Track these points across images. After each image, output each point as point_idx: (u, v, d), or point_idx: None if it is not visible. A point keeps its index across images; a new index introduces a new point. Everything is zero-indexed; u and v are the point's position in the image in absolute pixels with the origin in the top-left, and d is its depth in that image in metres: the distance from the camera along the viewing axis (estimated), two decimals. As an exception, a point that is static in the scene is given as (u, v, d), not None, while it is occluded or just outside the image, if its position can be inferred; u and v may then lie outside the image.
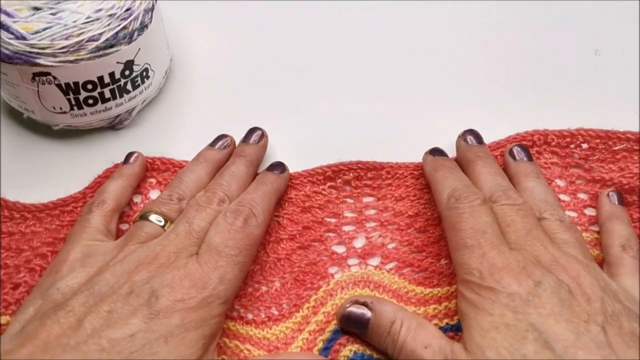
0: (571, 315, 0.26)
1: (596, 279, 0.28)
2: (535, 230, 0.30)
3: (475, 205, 0.31)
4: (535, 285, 0.27)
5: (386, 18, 0.47)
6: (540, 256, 0.29)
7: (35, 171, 0.38)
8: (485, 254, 0.28)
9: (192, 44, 0.45)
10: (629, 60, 0.44)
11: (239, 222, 0.31)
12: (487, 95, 0.42)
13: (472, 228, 0.30)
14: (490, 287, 0.27)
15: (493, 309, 0.27)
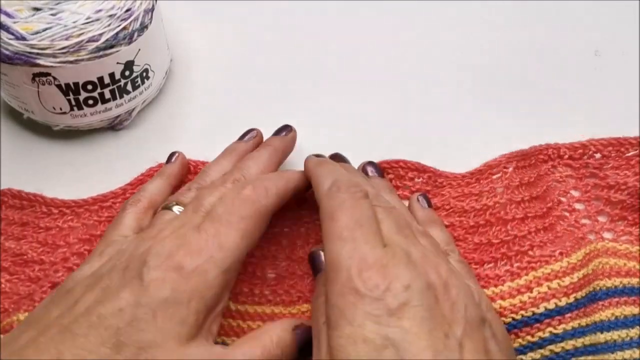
0: (433, 327, 0.25)
1: (461, 281, 0.28)
2: (407, 230, 0.29)
3: (357, 197, 0.29)
4: (404, 290, 0.25)
5: (387, 18, 0.47)
6: (411, 252, 0.27)
7: (35, 171, 0.38)
8: (357, 248, 0.27)
9: (192, 44, 0.45)
10: (629, 60, 0.44)
11: (246, 191, 0.30)
12: (487, 95, 0.42)
13: (349, 219, 0.28)
14: (356, 288, 0.25)
15: (354, 316, 0.25)
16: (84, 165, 0.38)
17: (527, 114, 0.41)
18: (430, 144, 0.39)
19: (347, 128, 0.40)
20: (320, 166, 0.33)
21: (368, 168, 0.36)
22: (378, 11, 0.47)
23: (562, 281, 0.32)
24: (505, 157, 0.37)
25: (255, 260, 0.34)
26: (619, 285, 0.33)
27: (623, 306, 0.33)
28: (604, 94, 0.42)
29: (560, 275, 0.32)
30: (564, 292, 0.32)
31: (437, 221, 0.34)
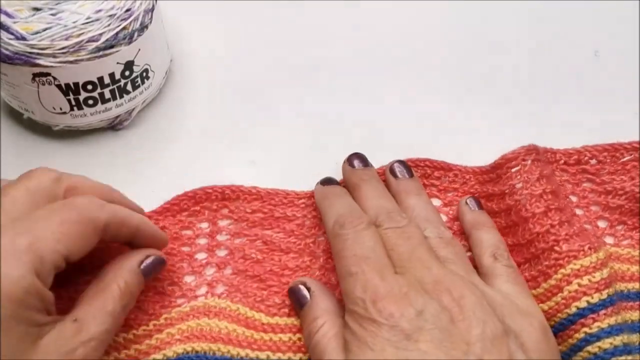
0: (451, 347, 0.26)
1: (480, 297, 0.28)
2: (419, 250, 0.30)
3: (359, 230, 0.30)
4: (417, 315, 0.26)
5: (387, 18, 0.47)
6: (424, 278, 0.28)
7: (36, 171, 0.38)
8: (368, 280, 0.28)
9: (192, 44, 0.45)
10: (629, 60, 0.44)
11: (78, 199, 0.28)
12: (486, 95, 0.42)
13: (355, 254, 0.29)
14: (373, 318, 0.27)
15: (375, 343, 0.26)
16: (84, 165, 0.38)
17: (527, 114, 0.41)
18: (431, 144, 0.39)
19: (348, 128, 0.40)
20: (324, 200, 0.34)
21: (396, 168, 0.36)
22: (379, 11, 0.47)
23: (592, 277, 0.31)
24: (524, 150, 0.36)
25: (290, 272, 0.34)
26: (624, 290, 0.33)
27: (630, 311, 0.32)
28: (604, 94, 0.42)
29: (591, 270, 0.31)
30: (595, 288, 0.31)
31: (486, 223, 0.34)
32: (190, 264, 0.34)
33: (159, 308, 0.32)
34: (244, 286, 0.33)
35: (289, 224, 0.35)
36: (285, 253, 0.35)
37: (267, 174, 0.37)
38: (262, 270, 0.34)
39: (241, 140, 0.40)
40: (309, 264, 0.34)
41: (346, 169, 0.36)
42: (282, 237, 0.35)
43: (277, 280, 0.34)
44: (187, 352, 0.30)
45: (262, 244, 0.35)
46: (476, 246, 0.33)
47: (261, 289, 0.33)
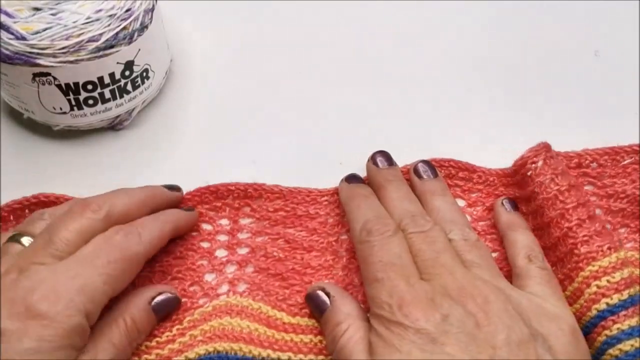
0: (476, 351, 0.26)
1: (505, 302, 0.28)
2: (443, 256, 0.30)
3: (385, 237, 0.31)
4: (443, 320, 0.27)
5: (389, 18, 0.47)
6: (448, 285, 0.28)
7: (35, 171, 0.38)
8: (394, 287, 0.28)
9: (192, 44, 0.45)
10: (629, 60, 0.44)
11: (118, 237, 0.29)
12: (486, 95, 0.42)
13: (381, 261, 0.30)
14: (399, 322, 0.27)
15: (401, 345, 0.27)
16: (84, 165, 0.38)
17: (527, 114, 0.41)
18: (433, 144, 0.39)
19: (349, 128, 0.40)
20: (351, 201, 0.34)
21: (420, 168, 0.36)
22: (381, 11, 0.47)
23: (612, 277, 0.30)
24: (533, 151, 0.35)
25: (312, 271, 0.34)
26: None
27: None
28: (604, 94, 0.42)
29: (610, 270, 0.31)
30: (614, 289, 0.30)
31: (521, 225, 0.34)
32: (211, 261, 0.34)
33: (182, 312, 0.32)
34: (266, 284, 0.33)
35: (312, 222, 0.35)
36: (308, 252, 0.34)
37: (267, 173, 0.37)
38: (284, 269, 0.34)
39: (241, 140, 0.40)
40: (331, 263, 0.34)
41: (371, 167, 0.36)
42: (304, 235, 0.35)
43: (299, 279, 0.34)
44: (209, 353, 0.30)
45: (284, 242, 0.35)
46: (510, 247, 0.33)
47: (283, 288, 0.33)
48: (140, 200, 0.32)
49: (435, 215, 0.33)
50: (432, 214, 0.33)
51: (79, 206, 0.29)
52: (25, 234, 0.29)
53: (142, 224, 0.30)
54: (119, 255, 0.28)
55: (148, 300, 0.30)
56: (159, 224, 0.31)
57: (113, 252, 0.28)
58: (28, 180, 0.37)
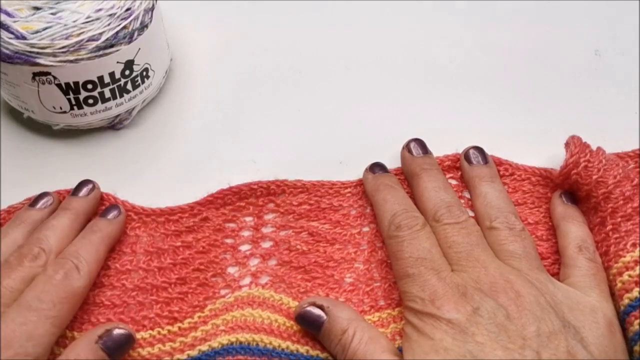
0: (507, 341, 0.26)
1: (537, 295, 0.28)
2: (477, 250, 0.30)
3: (414, 231, 0.31)
4: (473, 312, 0.27)
5: (389, 18, 0.47)
6: (481, 278, 0.29)
7: (35, 171, 0.38)
8: (426, 281, 0.29)
9: (192, 44, 0.45)
10: (629, 60, 0.44)
11: (58, 276, 0.29)
12: (486, 95, 0.42)
13: (412, 256, 0.30)
14: (432, 313, 0.28)
15: (434, 333, 0.27)
16: (84, 165, 0.38)
17: (527, 114, 0.41)
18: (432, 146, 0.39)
19: (349, 127, 0.40)
20: (377, 194, 0.34)
21: (471, 153, 0.36)
22: (381, 10, 0.47)
23: (633, 271, 0.30)
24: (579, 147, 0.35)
25: (335, 264, 0.34)
26: None
27: None
28: (604, 94, 0.42)
29: (632, 265, 0.31)
30: (635, 282, 0.30)
31: (577, 217, 0.34)
32: (234, 255, 0.34)
33: (203, 300, 0.33)
34: (288, 277, 0.34)
35: (335, 215, 0.35)
36: (331, 244, 0.35)
37: (267, 173, 0.37)
38: (307, 262, 0.34)
39: (241, 139, 0.40)
40: (353, 256, 0.34)
41: (405, 156, 0.36)
42: (327, 228, 0.35)
43: (321, 272, 0.34)
44: (231, 343, 0.30)
45: (307, 235, 0.35)
46: (562, 237, 0.33)
47: (305, 281, 0.33)
48: (67, 227, 0.32)
49: (482, 201, 0.33)
50: (478, 200, 0.34)
51: (15, 258, 0.30)
52: None
53: (77, 254, 0.30)
54: (63, 295, 0.29)
55: (94, 339, 0.29)
56: (93, 247, 0.31)
57: (57, 293, 0.28)
58: (28, 179, 0.37)
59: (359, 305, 0.33)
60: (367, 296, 0.33)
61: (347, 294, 0.33)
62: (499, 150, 0.38)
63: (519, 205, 0.35)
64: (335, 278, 0.33)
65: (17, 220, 0.33)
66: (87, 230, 0.32)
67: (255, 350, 0.30)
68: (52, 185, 0.36)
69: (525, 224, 0.34)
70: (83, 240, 0.31)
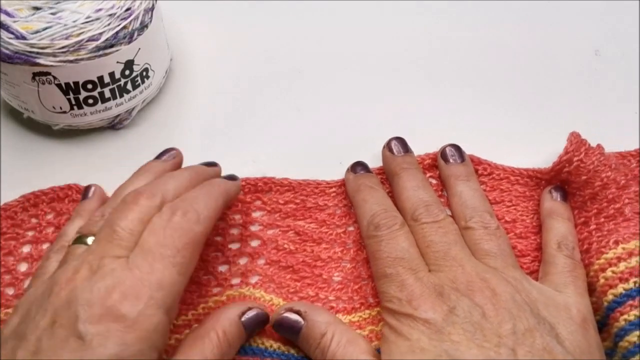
0: (483, 340, 0.27)
1: (513, 293, 0.28)
2: (454, 249, 0.30)
3: (393, 230, 0.31)
4: (450, 311, 0.27)
5: (389, 18, 0.47)
6: (457, 278, 0.29)
7: (35, 171, 0.38)
8: (403, 281, 0.29)
9: (192, 44, 0.45)
10: (629, 60, 0.44)
11: (176, 218, 0.27)
12: (486, 95, 0.42)
13: (389, 256, 0.30)
14: (409, 313, 0.28)
15: (411, 334, 0.27)
16: (84, 165, 0.38)
17: (527, 113, 0.41)
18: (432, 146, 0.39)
19: (349, 127, 0.40)
20: (357, 194, 0.34)
21: (448, 151, 0.36)
22: (380, 9, 0.47)
23: (616, 267, 0.31)
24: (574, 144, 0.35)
25: (322, 264, 0.34)
26: None
27: None
28: (604, 94, 0.42)
29: (614, 262, 0.31)
30: (619, 278, 0.31)
31: (562, 214, 0.34)
32: (224, 253, 0.34)
33: (197, 298, 0.33)
34: (278, 277, 0.34)
35: (321, 214, 0.36)
36: (318, 244, 0.35)
37: (267, 173, 0.37)
38: (295, 261, 0.34)
39: (241, 139, 0.40)
40: (340, 255, 0.34)
41: (386, 155, 0.36)
42: (314, 227, 0.35)
43: (309, 271, 0.34)
44: None
45: (294, 234, 0.35)
46: (545, 233, 0.33)
47: (294, 280, 0.34)
48: (187, 179, 0.30)
49: (457, 201, 0.33)
50: (454, 199, 0.34)
51: (132, 196, 0.28)
52: (89, 234, 0.28)
53: (196, 199, 0.28)
54: (185, 240, 0.26)
55: (238, 315, 0.30)
56: (212, 197, 0.29)
57: (179, 238, 0.26)
58: (28, 179, 0.37)
59: (349, 303, 0.33)
60: (357, 294, 0.33)
61: (337, 292, 0.33)
62: (499, 150, 0.38)
63: (496, 203, 0.36)
64: (324, 277, 0.34)
65: (142, 170, 0.33)
66: (207, 182, 0.31)
67: (247, 350, 0.31)
68: (52, 185, 0.36)
69: (503, 222, 0.34)
70: (202, 189, 0.30)
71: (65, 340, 0.23)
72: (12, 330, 0.25)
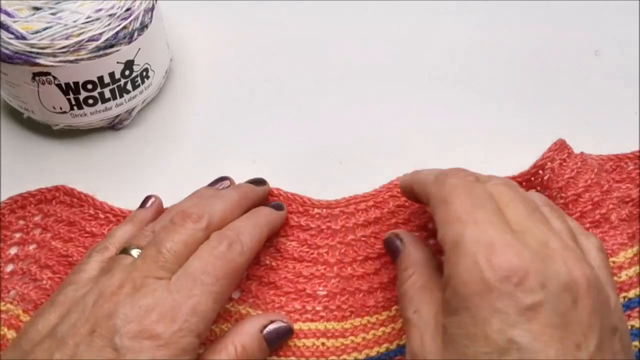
0: (565, 336, 0.22)
1: (599, 283, 0.24)
2: (538, 212, 0.26)
3: (469, 180, 0.27)
4: (540, 287, 0.22)
5: (387, 19, 0.47)
6: (549, 241, 0.24)
7: (35, 171, 0.38)
8: (482, 231, 0.24)
9: (192, 44, 0.45)
10: (629, 60, 0.44)
11: (222, 247, 0.28)
12: (486, 95, 0.42)
13: (466, 201, 0.25)
14: (484, 278, 0.23)
15: (479, 309, 0.23)
16: (84, 165, 0.38)
17: (527, 114, 0.41)
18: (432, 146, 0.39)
19: (349, 128, 0.40)
20: (417, 172, 0.32)
21: None
22: (380, 12, 0.47)
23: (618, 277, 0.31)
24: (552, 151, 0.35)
25: (305, 280, 0.34)
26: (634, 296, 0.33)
27: None
28: (604, 94, 0.42)
29: None
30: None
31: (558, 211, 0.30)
32: None
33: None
34: (261, 292, 0.33)
35: (303, 234, 0.35)
36: (299, 261, 0.34)
37: (267, 173, 0.37)
38: (277, 277, 0.34)
39: (241, 139, 0.40)
40: (323, 272, 0.34)
41: None
42: (295, 245, 0.35)
43: (292, 287, 0.33)
44: None
45: (275, 250, 0.35)
46: None
47: (278, 296, 0.33)
48: (235, 202, 0.32)
49: None
50: None
51: (180, 217, 0.29)
52: (135, 246, 0.29)
53: (242, 230, 0.29)
54: (226, 270, 0.28)
55: (259, 328, 0.30)
56: (257, 229, 0.30)
57: (221, 268, 0.27)
58: (28, 179, 0.37)
59: (339, 311, 0.33)
60: (344, 304, 0.33)
61: (324, 303, 0.33)
62: (499, 151, 0.38)
63: None
64: (308, 292, 0.33)
65: (195, 194, 0.33)
66: (253, 211, 0.32)
67: None
68: (52, 185, 0.36)
69: None
70: (249, 219, 0.31)
71: (102, 350, 0.25)
72: (50, 329, 0.26)
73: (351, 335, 0.32)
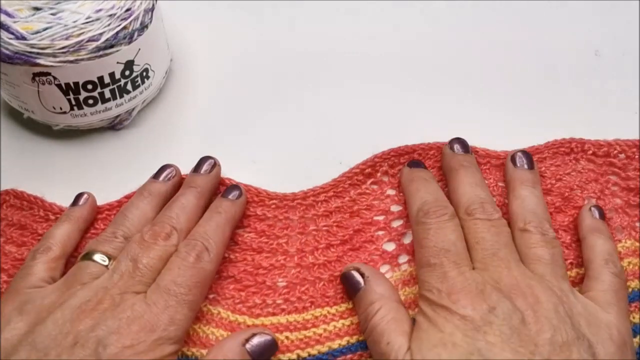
0: (518, 345, 0.26)
1: (557, 303, 0.28)
2: (504, 250, 0.30)
3: (442, 220, 0.31)
4: (489, 311, 0.27)
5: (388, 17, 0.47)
6: (502, 279, 0.29)
7: (35, 171, 0.38)
8: (446, 273, 0.29)
9: (192, 44, 0.45)
10: (629, 60, 0.44)
11: (191, 259, 0.30)
12: (486, 95, 0.42)
13: (436, 246, 0.30)
14: (446, 306, 0.28)
15: (445, 326, 0.27)
16: (84, 165, 0.38)
17: (527, 114, 0.41)
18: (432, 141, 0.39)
19: (349, 127, 0.40)
20: (411, 184, 0.34)
21: (517, 157, 0.36)
22: (380, 10, 0.47)
23: None
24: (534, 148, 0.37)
25: (264, 272, 0.34)
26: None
27: None
28: (604, 94, 0.42)
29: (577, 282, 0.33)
30: None
31: (604, 232, 0.33)
32: None
33: None
34: (221, 287, 0.33)
35: (260, 224, 0.35)
36: (258, 252, 0.34)
37: (267, 173, 0.37)
38: (237, 271, 0.34)
39: (241, 139, 0.40)
40: (283, 262, 0.34)
41: (446, 152, 0.36)
42: (253, 236, 0.35)
43: (252, 280, 0.33)
44: (180, 356, 0.30)
45: (233, 243, 0.34)
46: (588, 250, 0.33)
47: (238, 290, 0.33)
48: (195, 206, 0.33)
49: (519, 203, 0.33)
50: (516, 202, 0.33)
51: (150, 236, 0.31)
52: (100, 252, 0.31)
53: (208, 236, 0.31)
54: (196, 279, 0.30)
55: (241, 342, 0.30)
56: (220, 230, 0.32)
57: (191, 277, 0.29)
58: (28, 180, 0.37)
59: (299, 303, 0.33)
60: (304, 294, 0.33)
61: (284, 295, 0.33)
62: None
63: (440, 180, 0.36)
64: (268, 284, 0.33)
65: (145, 192, 0.34)
66: (213, 211, 0.33)
67: None
68: (52, 185, 0.36)
69: None
70: (210, 222, 0.32)
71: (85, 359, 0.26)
72: (20, 337, 0.27)
73: (312, 327, 0.32)
